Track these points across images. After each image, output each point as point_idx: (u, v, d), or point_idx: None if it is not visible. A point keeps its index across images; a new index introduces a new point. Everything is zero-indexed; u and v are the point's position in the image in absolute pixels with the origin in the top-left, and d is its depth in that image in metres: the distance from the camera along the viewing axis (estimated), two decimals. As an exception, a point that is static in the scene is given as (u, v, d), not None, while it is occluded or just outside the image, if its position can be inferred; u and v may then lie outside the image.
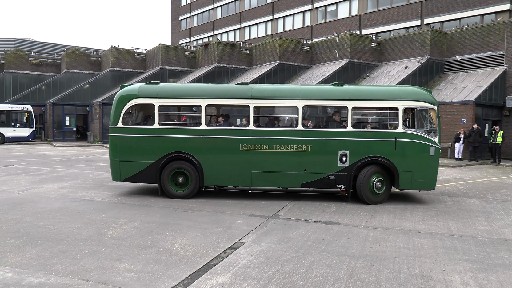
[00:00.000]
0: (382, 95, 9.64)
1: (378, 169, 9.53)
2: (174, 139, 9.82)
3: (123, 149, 10.04)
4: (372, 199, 9.54)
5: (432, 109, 9.44)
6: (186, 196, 9.82)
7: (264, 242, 6.49)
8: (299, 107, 9.51)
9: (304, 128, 9.55)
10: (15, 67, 36.38)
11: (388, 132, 9.50)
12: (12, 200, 9.42)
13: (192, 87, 10.69)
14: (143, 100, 9.99)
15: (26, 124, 30.13)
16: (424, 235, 7.08)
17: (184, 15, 57.90)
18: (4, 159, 18.46)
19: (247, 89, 9.84)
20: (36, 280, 4.87)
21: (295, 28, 40.83)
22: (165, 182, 9.86)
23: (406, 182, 9.48)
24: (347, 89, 9.71)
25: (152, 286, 4.76)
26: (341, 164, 9.46)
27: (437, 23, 30.47)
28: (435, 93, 23.70)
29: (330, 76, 26.28)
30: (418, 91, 9.68)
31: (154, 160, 9.83)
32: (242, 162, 9.65)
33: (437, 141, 9.46)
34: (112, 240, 6.45)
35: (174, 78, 34.14)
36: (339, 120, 9.85)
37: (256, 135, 9.60)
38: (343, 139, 9.46)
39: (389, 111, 9.63)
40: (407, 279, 5.08)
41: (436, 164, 9.52)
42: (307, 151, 9.48)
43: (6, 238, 6.47)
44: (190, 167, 9.79)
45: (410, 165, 9.41)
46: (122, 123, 9.98)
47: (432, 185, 9.59)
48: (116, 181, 10.28)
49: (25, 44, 53.87)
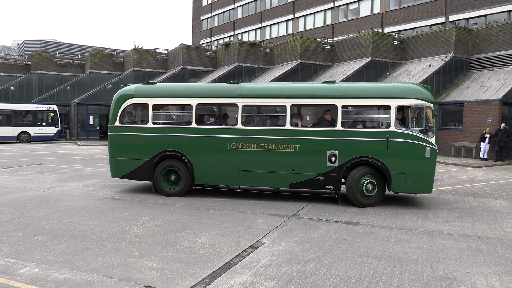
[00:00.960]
0: (373, 93, 9.11)
1: (369, 170, 9.02)
2: (167, 138, 10.06)
3: (120, 147, 10.41)
4: (362, 201, 9.05)
5: (428, 107, 8.77)
6: (177, 194, 10.04)
7: (284, 242, 6.47)
8: (287, 105, 9.29)
9: (292, 127, 9.33)
10: (41, 68, 37.33)
11: (380, 132, 8.93)
12: (38, 198, 9.67)
13: (184, 87, 10.78)
14: (139, 100, 10.32)
15: (51, 123, 30.87)
16: (448, 237, 6.93)
17: (205, 15, 58.27)
18: (31, 158, 18.97)
19: (236, 87, 9.81)
20: (61, 276, 4.99)
21: (316, 27, 40.59)
22: (158, 179, 10.14)
23: (399, 184, 8.88)
24: (336, 86, 9.29)
25: (173, 284, 4.81)
26: (330, 164, 9.08)
27: (462, 20, 29.79)
28: (459, 92, 23.21)
29: (351, 75, 26.02)
30: (413, 87, 9.02)
31: (148, 158, 10.11)
32: (230, 161, 9.63)
33: (434, 141, 8.78)
34: (134, 238, 6.55)
35: (195, 78, 34.42)
36: (330, 119, 9.38)
37: (244, 134, 9.53)
38: (332, 138, 9.07)
39: (381, 110, 9.15)
40: (431, 281, 4.99)
41: (432, 166, 8.83)
42: (295, 151, 9.22)
43: (33, 235, 6.65)
44: (181, 165, 9.98)
45: (404, 167, 8.80)
46: (119, 122, 10.36)
47: (428, 188, 8.91)
48: (114, 177, 10.63)
49: (50, 45, 55.24)
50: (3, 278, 4.89)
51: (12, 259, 5.52)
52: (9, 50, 56.79)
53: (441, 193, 11.18)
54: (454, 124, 22.81)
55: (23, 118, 30.14)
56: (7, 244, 6.17)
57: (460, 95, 22.84)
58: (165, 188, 10.15)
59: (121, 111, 10.35)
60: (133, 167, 10.27)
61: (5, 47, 58.10)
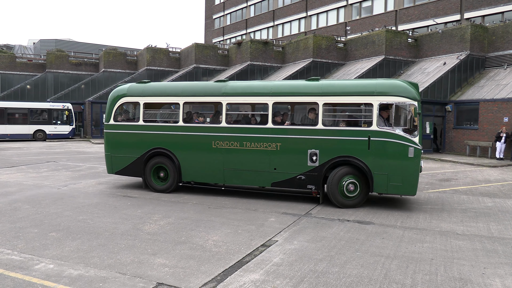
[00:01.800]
0: (355, 90, 8.78)
1: (351, 170, 8.74)
2: (156, 136, 10.31)
3: (114, 144, 10.81)
4: (343, 202, 8.81)
5: (412, 105, 8.31)
6: (165, 190, 10.27)
7: (296, 241, 6.46)
8: (270, 103, 9.22)
9: (274, 126, 9.22)
10: (56, 67, 37.85)
11: (361, 131, 8.61)
12: (53, 195, 9.81)
13: (172, 85, 10.89)
14: (131, 98, 10.67)
15: (66, 122, 31.28)
16: (463, 237, 6.84)
17: (217, 14, 58.39)
18: (46, 156, 19.25)
19: (221, 86, 9.87)
20: (76, 272, 5.06)
21: (329, 25, 40.37)
22: (148, 176, 10.45)
23: (382, 185, 8.55)
24: (318, 84, 9.06)
25: (186, 281, 4.84)
26: (311, 163, 8.90)
27: (478, 18, 29.32)
28: (475, 90, 22.87)
29: (364, 73, 25.83)
30: (396, 84, 8.59)
31: (139, 155, 10.44)
32: (215, 159, 9.72)
33: (417, 141, 8.32)
34: (147, 235, 6.60)
35: (208, 76, 34.54)
36: (313, 118, 9.11)
37: (227, 132, 9.58)
38: (313, 137, 8.87)
39: (363, 108, 8.75)
40: (445, 282, 4.93)
41: (415, 167, 8.35)
42: (277, 149, 9.14)
43: (48, 231, 6.75)
44: (169, 162, 10.19)
45: (386, 167, 8.44)
46: (113, 120, 10.79)
47: (411, 190, 8.47)
48: (109, 173, 11.03)
49: (65, 44, 55.94)
50: (19, 273, 4.97)
51: (28, 255, 5.61)
52: (25, 49, 57.66)
53: (455, 193, 11.04)
54: (469, 123, 22.49)
55: (39, 117, 30.59)
56: (23, 240, 6.28)
57: (476, 94, 22.50)
58: (154, 184, 10.43)
59: (115, 109, 10.76)
60: (126, 163, 10.65)
61: (21, 46, 59.00)
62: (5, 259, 5.44)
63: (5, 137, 29.22)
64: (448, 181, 13.19)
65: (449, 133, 23.24)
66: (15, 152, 20.89)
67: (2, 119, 29.08)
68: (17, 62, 38.35)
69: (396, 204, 9.39)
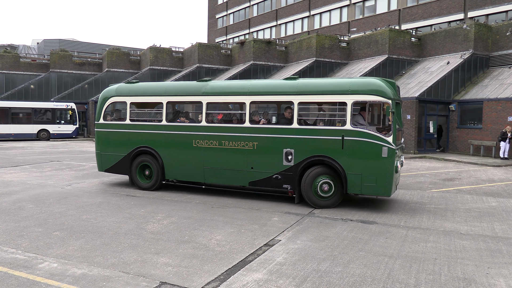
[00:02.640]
0: (330, 89, 8.68)
1: (325, 170, 8.62)
2: (141, 134, 10.55)
3: (103, 142, 11.13)
4: (317, 202, 8.68)
5: (386, 104, 8.15)
6: (149, 188, 10.48)
7: (299, 240, 6.46)
8: (247, 103, 9.23)
9: (250, 125, 9.22)
10: (59, 67, 37.95)
11: (334, 130, 8.47)
12: (57, 194, 9.85)
13: (156, 85, 11.06)
14: (119, 98, 10.94)
15: (70, 121, 31.40)
16: (467, 237, 6.82)
17: (220, 13, 58.40)
18: (50, 155, 19.32)
19: (201, 85, 9.97)
20: (80, 271, 5.07)
21: (332, 24, 40.31)
22: (133, 174, 10.71)
23: (355, 186, 8.38)
24: (294, 83, 8.99)
25: (189, 280, 4.84)
26: (287, 163, 8.86)
27: (482, 17, 29.21)
28: (478, 90, 22.78)
29: (368, 72, 25.77)
30: (370, 82, 8.38)
31: (126, 153, 10.70)
32: (195, 158, 9.85)
33: (391, 140, 8.06)
34: (150, 235, 6.62)
35: (211, 76, 34.54)
36: (289, 117, 9.01)
37: (207, 132, 9.69)
38: (288, 136, 8.82)
39: (338, 106, 8.60)
40: (448, 282, 4.92)
41: (389, 167, 8.11)
42: (253, 148, 9.16)
43: (52, 230, 6.77)
44: (153, 161, 10.39)
45: (359, 167, 8.26)
46: (103, 119, 11.08)
47: (386, 191, 8.24)
48: (100, 171, 11.33)
49: (69, 44, 56.11)
50: (23, 272, 5.00)
51: (32, 254, 5.64)
52: (29, 49, 57.86)
53: (459, 192, 11.01)
54: (473, 123, 22.40)
55: (43, 116, 30.71)
56: (27, 239, 6.30)
57: (480, 93, 22.41)
58: (140, 182, 10.67)
59: (104, 109, 11.05)
60: (114, 161, 10.94)
61: (25, 46, 59.22)
62: (9, 258, 5.46)
63: (9, 137, 29.35)
64: (451, 181, 13.14)
65: (452, 133, 23.16)
66: (19, 152, 20.97)
67: (6, 118, 29.21)
68: (21, 62, 38.47)
69: (400, 203, 9.38)
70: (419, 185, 12.16)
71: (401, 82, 25.24)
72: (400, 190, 11.06)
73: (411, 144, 22.04)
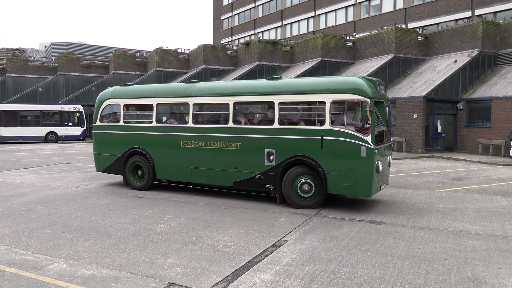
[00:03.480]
0: (309, 88, 8.61)
1: (306, 170, 8.57)
2: (134, 136, 10.83)
3: (100, 144, 11.50)
4: (298, 202, 8.64)
5: (364, 102, 7.91)
6: (142, 188, 10.74)
7: (307, 241, 6.44)
8: (231, 103, 9.32)
9: (234, 125, 9.30)
10: (67, 70, 38.23)
11: (314, 130, 8.40)
12: (65, 196, 9.91)
13: (147, 88, 11.24)
14: (114, 100, 11.26)
15: (77, 123, 31.61)
16: (476, 237, 6.75)
17: (226, 15, 58.49)
18: (58, 157, 19.46)
19: (188, 87, 10.16)
20: (88, 272, 5.10)
21: (338, 24, 40.18)
22: (127, 174, 11.01)
23: (335, 186, 8.28)
24: (275, 83, 9.00)
25: (197, 281, 4.85)
26: (269, 163, 8.88)
27: (490, 14, 28.96)
28: (487, 88, 22.58)
29: (374, 72, 25.66)
30: (349, 81, 8.27)
31: (120, 154, 11.01)
32: (183, 158, 10.03)
33: (370, 140, 7.90)
34: (158, 236, 6.63)
35: (217, 77, 34.61)
36: (271, 117, 9.00)
37: (193, 132, 9.85)
38: (269, 136, 8.86)
39: (317, 106, 8.54)
40: (458, 282, 4.87)
41: (368, 167, 7.97)
42: (237, 149, 9.25)
43: (61, 232, 6.81)
44: (145, 161, 10.65)
45: (339, 167, 8.17)
46: (99, 121, 11.43)
47: (366, 191, 8.10)
48: (97, 171, 11.70)
49: (76, 47, 56.51)
50: (33, 273, 5.03)
51: (42, 255, 5.68)
52: (37, 53, 58.35)
53: (468, 192, 10.91)
54: (482, 121, 22.22)
55: (51, 119, 30.94)
56: (36, 240, 6.35)
57: (488, 91, 22.22)
58: (133, 182, 10.94)
59: (100, 111, 11.39)
60: (110, 162, 11.28)
61: (33, 50, 59.72)
62: (19, 259, 5.51)
63: (18, 139, 29.59)
64: (460, 180, 13.04)
65: (461, 132, 22.98)
66: (28, 154, 21.15)
67: (15, 121, 29.47)
68: (29, 65, 38.82)
69: (408, 203, 9.32)
70: (428, 184, 12.08)
71: (408, 81, 25.10)
72: (408, 190, 10.99)
73: (419, 144, 21.91)
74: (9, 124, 29.25)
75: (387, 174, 9.32)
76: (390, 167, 9.52)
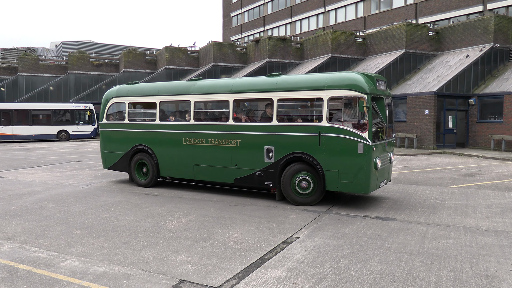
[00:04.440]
0: (307, 85, 8.54)
1: (304, 167, 8.55)
2: (138, 133, 10.99)
3: (106, 141, 11.70)
4: (296, 199, 8.64)
5: (361, 98, 7.83)
6: (146, 185, 10.92)
7: (318, 237, 6.43)
8: (230, 101, 9.34)
9: (234, 122, 9.31)
10: (78, 68, 38.57)
11: (312, 126, 8.37)
12: (77, 194, 10.02)
13: (151, 86, 11.36)
14: (119, 99, 11.42)
15: (88, 122, 31.89)
16: (489, 233, 6.68)
17: (235, 12, 58.42)
18: (70, 155, 19.66)
19: (190, 85, 10.25)
20: (100, 269, 5.15)
21: (348, 20, 39.91)
22: (132, 171, 11.19)
23: (333, 183, 8.26)
24: (273, 80, 9.00)
25: (208, 278, 4.87)
26: (268, 160, 8.89)
27: (502, 8, 28.52)
28: (499, 83, 22.26)
29: (384, 67, 25.46)
30: (346, 77, 8.17)
31: (126, 151, 11.22)
32: (185, 155, 10.13)
33: (367, 136, 7.82)
34: (169, 233, 6.67)
35: (226, 74, 34.62)
36: (270, 114, 8.99)
37: (195, 130, 9.92)
38: (268, 133, 8.87)
39: (315, 102, 8.49)
40: (470, 279, 4.83)
41: (366, 164, 7.90)
42: (237, 146, 9.28)
43: (73, 229, 6.89)
44: (149, 158, 10.80)
45: (336, 164, 8.14)
46: (106, 119, 11.65)
47: (364, 188, 8.05)
48: (104, 168, 12.00)
49: (86, 46, 56.96)
50: (46, 270, 5.10)
51: (54, 252, 5.75)
52: (47, 52, 58.93)
53: (480, 188, 10.79)
54: (494, 117, 21.92)
55: (62, 117, 31.25)
56: (49, 238, 6.43)
57: (500, 86, 21.91)
58: (138, 179, 11.12)
59: (107, 109, 11.58)
60: (116, 159, 11.48)
61: (44, 49, 60.32)
62: (32, 257, 5.58)
63: (30, 138, 29.96)
64: (472, 176, 12.90)
65: (472, 127, 22.71)
66: (39, 152, 21.40)
67: (27, 120, 29.83)
68: (40, 64, 39.24)
69: (419, 200, 9.25)
70: (439, 181, 11.97)
71: (419, 77, 24.86)
72: (419, 186, 10.91)
73: (430, 140, 21.70)
74: (21, 123, 29.62)
75: (389, 171, 9.23)
76: (391, 164, 9.42)
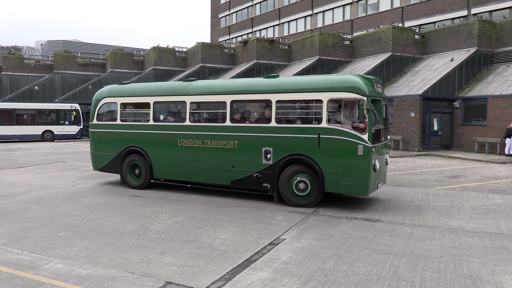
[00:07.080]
0: (306, 87, 8.55)
1: (302, 168, 8.54)
2: (131, 134, 10.79)
3: (97, 142, 11.47)
4: (294, 200, 8.65)
5: (361, 100, 7.88)
6: (139, 187, 10.71)
7: (304, 239, 6.45)
8: (228, 102, 9.30)
9: (231, 124, 9.26)
10: (63, 68, 38.09)
11: (311, 128, 8.37)
12: (62, 195, 9.88)
13: (145, 86, 11.21)
14: (111, 99, 11.21)
15: (74, 122, 31.51)
16: (472, 234, 6.78)
17: (223, 13, 58.39)
18: (55, 156, 19.40)
19: (185, 85, 10.15)
20: (85, 271, 5.08)
21: (335, 23, 40.21)
22: (124, 172, 10.96)
23: (332, 184, 8.27)
24: (272, 81, 8.98)
25: (194, 280, 4.85)
26: (266, 161, 8.87)
27: (486, 13, 29.04)
28: (483, 86, 22.65)
29: (371, 70, 25.70)
30: (345, 79, 8.23)
31: (117, 152, 10.98)
32: (180, 156, 10.01)
33: (367, 138, 7.87)
34: (155, 234, 6.62)
35: (214, 75, 34.56)
36: (268, 115, 8.95)
37: (190, 131, 9.82)
38: (266, 135, 8.84)
39: (314, 104, 8.52)
40: (454, 279, 4.89)
41: (365, 165, 7.94)
42: (234, 147, 9.21)
43: (57, 231, 6.79)
44: (142, 160, 10.62)
45: (336, 166, 8.15)
46: (96, 119, 11.40)
47: (363, 189, 8.11)
48: (94, 170, 11.68)
49: (73, 45, 56.32)
50: (29, 273, 5.01)
51: (38, 255, 5.66)
52: (33, 51, 58.10)
53: (464, 189, 10.95)
54: (478, 120, 22.30)
55: (47, 117, 30.82)
56: (32, 240, 6.33)
57: (484, 90, 22.30)
58: (130, 180, 10.90)
59: (97, 110, 11.35)
60: (107, 161, 11.22)
61: (29, 48, 59.46)
62: (15, 259, 5.49)
63: (14, 138, 29.48)
64: (456, 178, 13.09)
65: (457, 130, 23.06)
66: (24, 153, 21.07)
67: (11, 120, 29.35)
68: (25, 63, 38.66)
69: (405, 201, 9.34)
70: (424, 182, 12.11)
71: (405, 80, 25.15)
72: (405, 188, 11.02)
73: (416, 142, 21.96)
74: (4, 123, 29.14)
75: (385, 172, 9.33)
76: (387, 165, 9.51)
